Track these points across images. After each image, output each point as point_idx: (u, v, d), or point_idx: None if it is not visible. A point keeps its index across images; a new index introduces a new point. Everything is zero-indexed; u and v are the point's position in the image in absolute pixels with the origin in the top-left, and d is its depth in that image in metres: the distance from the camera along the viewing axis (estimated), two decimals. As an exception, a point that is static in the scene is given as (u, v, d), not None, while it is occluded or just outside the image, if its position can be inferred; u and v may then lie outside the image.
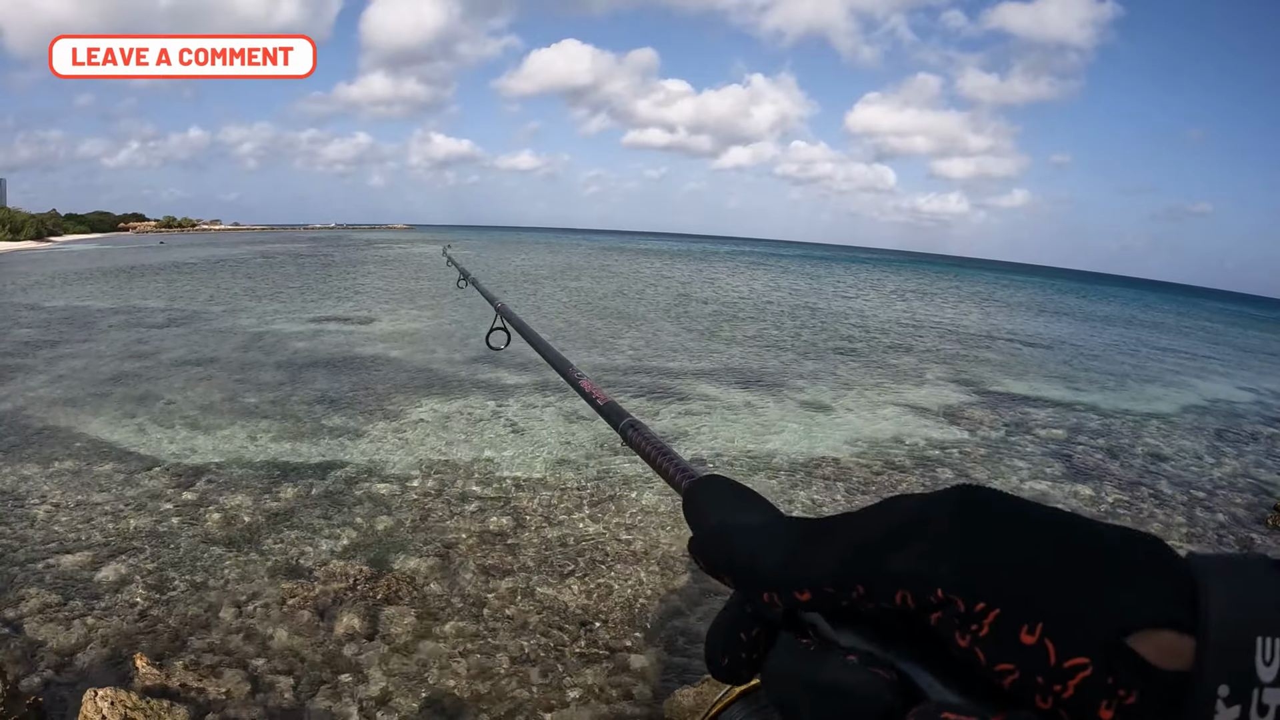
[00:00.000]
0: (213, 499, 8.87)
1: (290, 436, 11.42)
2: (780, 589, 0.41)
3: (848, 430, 13.24)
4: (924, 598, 0.36)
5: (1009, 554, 0.35)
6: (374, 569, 7.27)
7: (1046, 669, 0.32)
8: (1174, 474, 12.10)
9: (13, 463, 9.87)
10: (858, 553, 0.38)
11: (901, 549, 0.37)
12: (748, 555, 0.44)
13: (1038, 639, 0.33)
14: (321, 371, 16.19)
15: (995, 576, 0.34)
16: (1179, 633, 0.31)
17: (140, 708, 4.66)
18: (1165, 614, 0.31)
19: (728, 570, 0.45)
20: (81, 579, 6.94)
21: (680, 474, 0.71)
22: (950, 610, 0.35)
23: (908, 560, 0.36)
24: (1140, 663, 0.31)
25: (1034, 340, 29.44)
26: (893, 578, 0.37)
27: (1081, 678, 0.32)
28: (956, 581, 0.35)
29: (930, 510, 0.38)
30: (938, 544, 0.36)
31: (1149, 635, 0.31)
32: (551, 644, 6.23)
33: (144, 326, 21.68)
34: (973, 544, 0.36)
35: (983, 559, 0.35)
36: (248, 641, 6.06)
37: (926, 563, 0.36)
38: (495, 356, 18.01)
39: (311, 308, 27.04)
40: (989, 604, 0.34)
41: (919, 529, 0.37)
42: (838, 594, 0.39)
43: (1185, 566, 0.33)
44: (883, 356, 21.72)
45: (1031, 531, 0.35)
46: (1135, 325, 45.19)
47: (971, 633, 0.34)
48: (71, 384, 14.40)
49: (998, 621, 0.34)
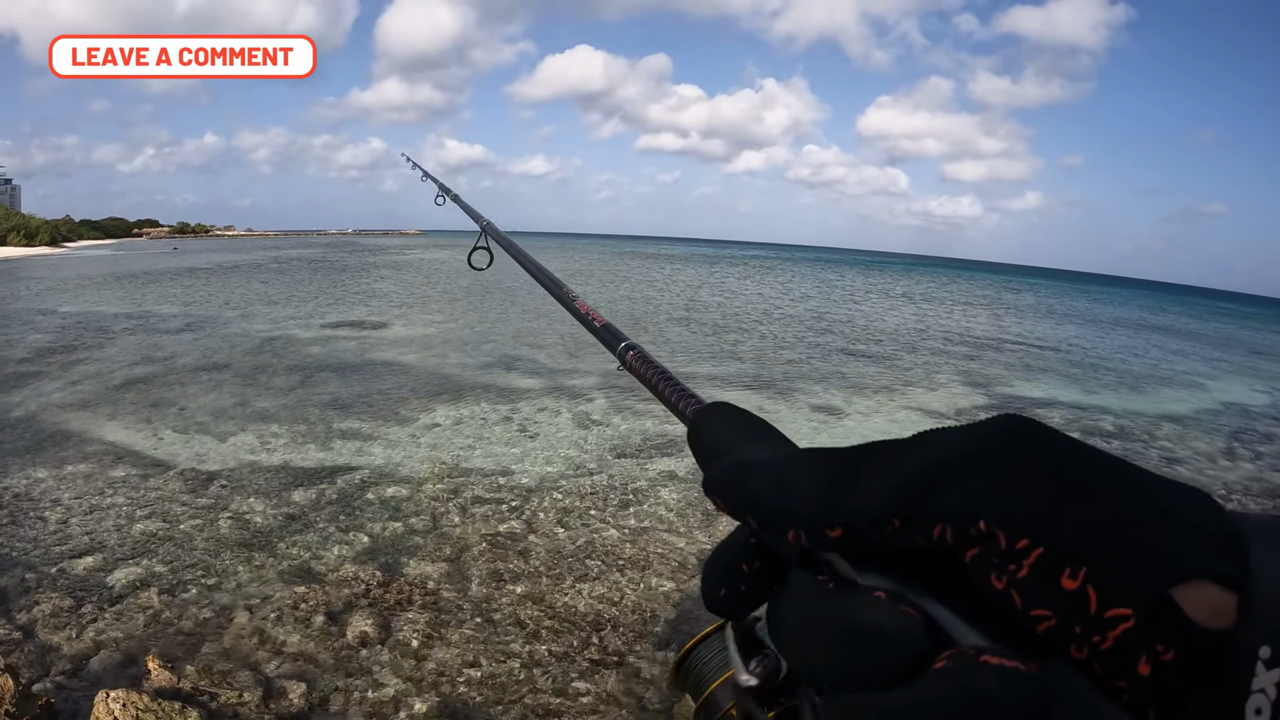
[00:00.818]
0: (225, 503, 8.89)
1: (303, 440, 11.44)
2: (811, 527, 0.38)
3: (860, 434, 13.18)
4: (965, 531, 0.33)
5: (1058, 492, 0.32)
6: (386, 573, 7.27)
7: (1086, 618, 0.30)
8: (1189, 477, 11.96)
9: (27, 466, 9.92)
10: (899, 486, 0.35)
11: (950, 482, 0.34)
12: (775, 492, 0.40)
13: (1079, 585, 0.30)
14: (334, 376, 16.22)
15: (1042, 513, 0.32)
16: (1224, 589, 0.29)
17: (152, 709, 4.66)
18: (1212, 567, 0.29)
19: (751, 510, 0.41)
20: (94, 582, 6.96)
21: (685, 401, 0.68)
22: (990, 547, 0.33)
23: (955, 494, 0.34)
24: (1183, 618, 0.29)
25: (1046, 343, 29.27)
26: (934, 511, 0.34)
27: (1123, 629, 0.30)
28: (1001, 514, 0.32)
29: (980, 442, 0.35)
30: (987, 478, 0.33)
31: (1194, 588, 0.29)
32: (563, 650, 6.20)
33: (158, 332, 21.77)
34: (1022, 479, 0.33)
35: (1030, 493, 0.32)
36: (260, 645, 6.06)
37: (971, 495, 0.33)
38: (508, 361, 18.11)
39: (324, 313, 27.11)
40: (1032, 542, 0.32)
41: (969, 461, 0.34)
42: (872, 530, 0.36)
43: (1235, 523, 0.31)
44: (893, 360, 21.64)
45: (1083, 471, 0.33)
46: (1148, 328, 44.88)
47: (1009, 573, 0.32)
48: (85, 389, 14.46)
49: (1039, 562, 0.31)
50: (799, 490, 0.39)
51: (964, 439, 0.35)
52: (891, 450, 0.37)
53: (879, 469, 0.37)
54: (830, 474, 0.38)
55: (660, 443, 11.92)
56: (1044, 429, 0.35)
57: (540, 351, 19.92)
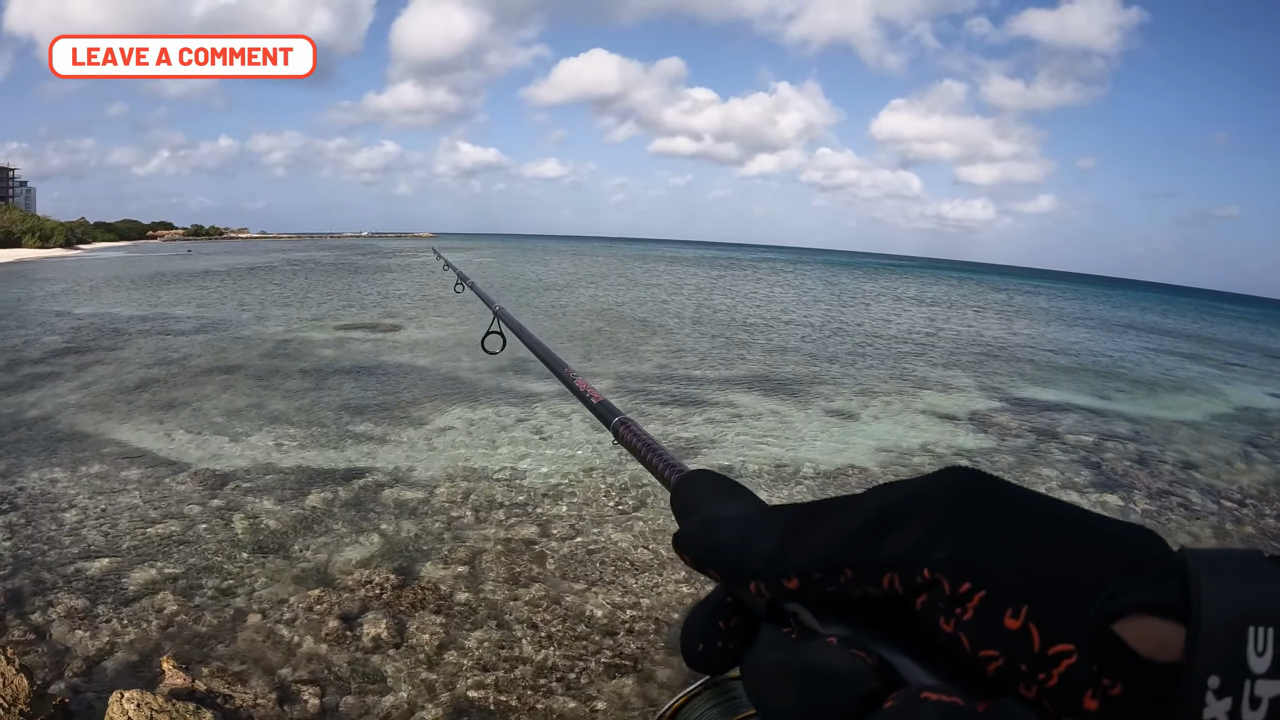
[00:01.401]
0: (239, 505, 8.89)
1: (316, 442, 11.45)
2: (768, 578, 0.40)
3: (874, 438, 13.14)
4: (911, 579, 0.35)
5: (998, 536, 0.34)
6: (400, 576, 7.26)
7: (1031, 656, 0.31)
8: (1204, 482, 11.92)
9: (42, 467, 9.95)
10: (847, 537, 0.38)
11: (891, 531, 0.36)
12: (734, 545, 0.43)
13: (1022, 623, 0.31)
14: (347, 378, 16.25)
15: (982, 558, 0.33)
16: (1169, 621, 0.29)
17: (166, 710, 4.64)
18: (1155, 600, 0.30)
19: (713, 563, 0.44)
20: (109, 583, 6.96)
21: (668, 469, 0.72)
22: (936, 593, 0.34)
23: (897, 541, 0.36)
24: (1127, 651, 0.29)
25: (1060, 347, 29.15)
26: (882, 560, 0.36)
27: (1066, 665, 0.30)
28: (944, 561, 0.34)
29: (921, 493, 0.37)
30: (928, 525, 0.35)
31: (1137, 622, 0.29)
32: (577, 654, 6.17)
33: (172, 333, 21.86)
34: (962, 525, 0.35)
35: (971, 540, 0.34)
36: (274, 648, 6.05)
37: (916, 544, 0.35)
38: (522, 365, 18.06)
39: (338, 315, 27.20)
40: (974, 585, 0.33)
41: (910, 511, 0.36)
42: (825, 579, 0.38)
43: (1179, 558, 0.31)
44: (907, 363, 21.57)
45: (1022, 515, 0.34)
46: (1162, 331, 44.65)
47: (956, 616, 0.33)
48: (100, 389, 14.52)
49: (982, 604, 0.33)
50: (756, 543, 0.42)
51: (909, 491, 0.37)
52: (843, 505, 0.40)
53: (830, 522, 0.39)
54: (785, 528, 0.41)
55: (674, 447, 11.89)
56: (986, 478, 0.37)
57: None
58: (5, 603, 6.54)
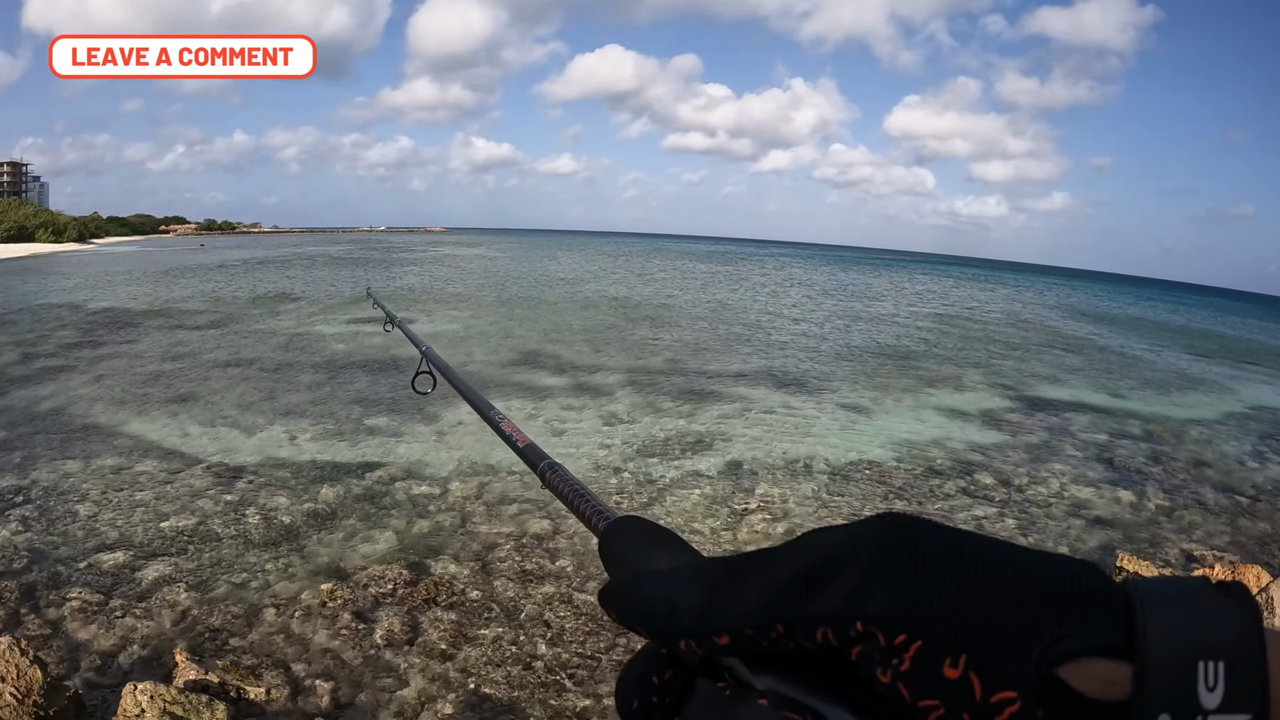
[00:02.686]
0: (253, 499, 8.91)
1: (329, 437, 11.47)
2: (698, 636, 0.39)
3: (887, 432, 13.09)
4: (844, 632, 0.34)
5: (931, 584, 0.33)
6: (413, 573, 7.25)
7: (972, 704, 0.31)
8: (1217, 480, 11.83)
9: (56, 460, 9.99)
10: (776, 592, 0.37)
11: (821, 585, 0.36)
12: (663, 603, 0.42)
13: (962, 672, 0.31)
14: (360, 372, 16.28)
15: (916, 607, 0.33)
16: (1115, 660, 0.29)
17: (179, 702, 4.66)
18: (1099, 641, 0.30)
19: (642, 622, 0.43)
20: (123, 577, 6.98)
21: (597, 516, 0.70)
22: (871, 645, 0.34)
23: (827, 596, 0.35)
24: (1073, 695, 0.29)
25: (1073, 345, 29.01)
26: (814, 616, 0.35)
27: (1010, 713, 0.30)
28: (876, 613, 0.33)
29: (850, 543, 0.36)
30: (857, 577, 0.35)
31: (1083, 664, 0.30)
32: (589, 652, 6.16)
33: (185, 328, 21.95)
34: (893, 575, 0.34)
35: (904, 590, 0.33)
36: (288, 642, 6.06)
37: (847, 597, 0.34)
38: (535, 359, 18.10)
39: (350, 309, 27.25)
40: (910, 636, 0.32)
41: (839, 563, 0.36)
42: (757, 635, 0.37)
43: (1122, 592, 0.31)
44: (918, 359, 21.51)
45: (955, 561, 0.34)
46: (1175, 330, 44.45)
47: (893, 668, 0.33)
48: (113, 384, 14.59)
49: (919, 654, 0.32)
50: (683, 601, 0.41)
51: (837, 541, 0.37)
52: (770, 557, 0.39)
53: (757, 577, 0.38)
54: (712, 584, 0.40)
55: (685, 442, 11.88)
56: (917, 523, 0.36)
57: (566, 348, 19.96)
58: (20, 595, 6.57)
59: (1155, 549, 8.83)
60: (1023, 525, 9.37)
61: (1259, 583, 6.88)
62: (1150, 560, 8.11)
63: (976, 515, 9.61)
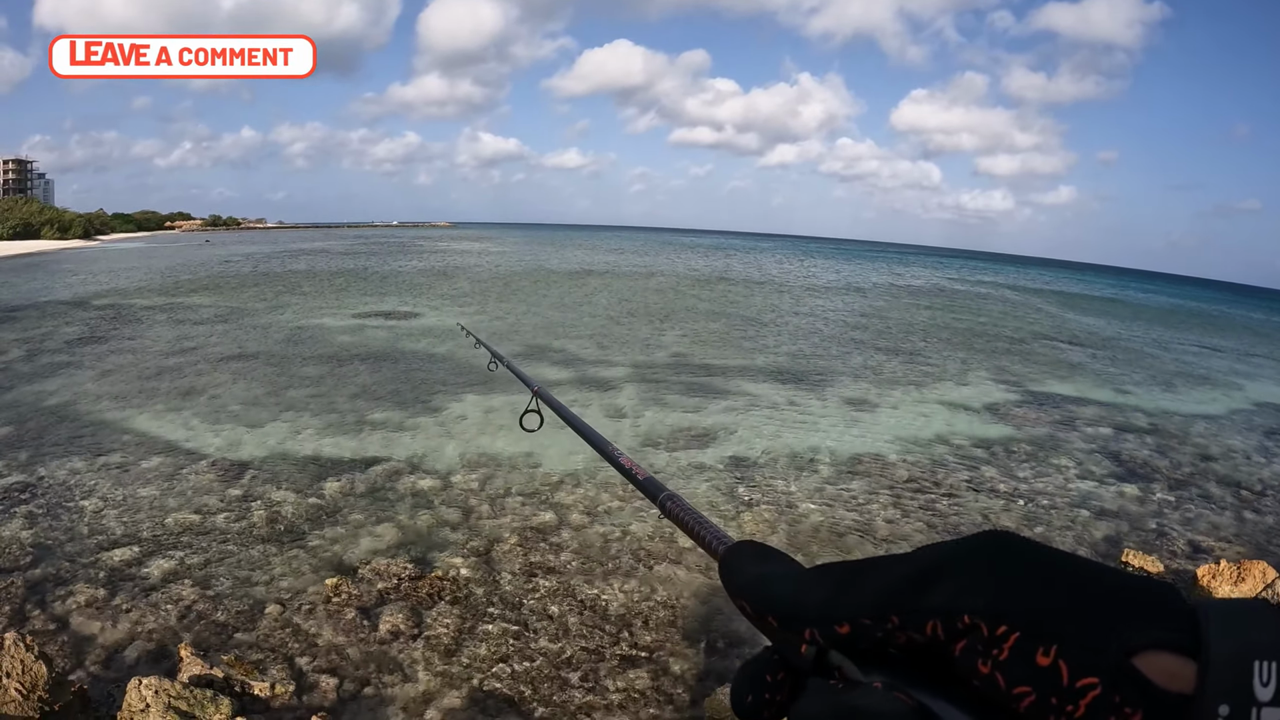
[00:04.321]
0: (258, 494, 8.92)
1: (333, 431, 11.48)
2: (821, 623, 0.45)
3: (893, 427, 13.07)
4: (952, 624, 0.39)
5: (1029, 585, 0.38)
6: (417, 567, 7.26)
7: (1060, 689, 0.35)
8: (1224, 474, 11.79)
9: (62, 456, 10.01)
10: (893, 587, 0.42)
11: (933, 583, 0.41)
12: (790, 596, 0.47)
13: (1052, 660, 0.36)
14: (364, 366, 16.30)
15: (1016, 603, 0.38)
16: (1182, 657, 0.34)
17: (184, 697, 4.66)
18: (1169, 638, 0.34)
19: (772, 609, 0.48)
20: (128, 572, 6.99)
21: (717, 541, 0.76)
22: (975, 636, 0.38)
23: (939, 593, 0.40)
24: (1145, 682, 0.33)
25: (1078, 339, 28.93)
26: (926, 609, 0.40)
27: (1092, 697, 0.34)
28: (982, 607, 0.39)
29: (961, 551, 0.42)
30: (968, 578, 0.40)
31: (1154, 657, 0.34)
32: (593, 646, 6.16)
33: (189, 323, 21.99)
34: (998, 577, 0.39)
35: (1007, 589, 0.39)
36: (292, 637, 6.06)
37: (956, 594, 0.40)
38: (540, 353, 18.08)
39: (355, 303, 27.29)
40: (1009, 628, 0.37)
41: (949, 566, 0.41)
42: (874, 625, 0.42)
43: (1190, 605, 0.36)
44: (922, 354, 21.47)
45: (1052, 569, 0.39)
46: (1182, 324, 44.27)
47: (993, 658, 0.37)
48: (118, 379, 14.61)
49: (1017, 644, 0.37)
50: (811, 593, 0.46)
51: (950, 549, 0.43)
52: (889, 560, 0.45)
53: (877, 574, 0.44)
54: (837, 580, 0.46)
55: (690, 435, 11.88)
56: (1018, 538, 0.42)
57: (571, 342, 19.96)
58: (26, 590, 6.58)
59: (1161, 541, 8.80)
60: (1030, 517, 9.37)
61: (1265, 578, 6.87)
62: (1156, 554, 8.09)
63: (985, 508, 9.61)
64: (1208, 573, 6.95)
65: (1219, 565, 7.05)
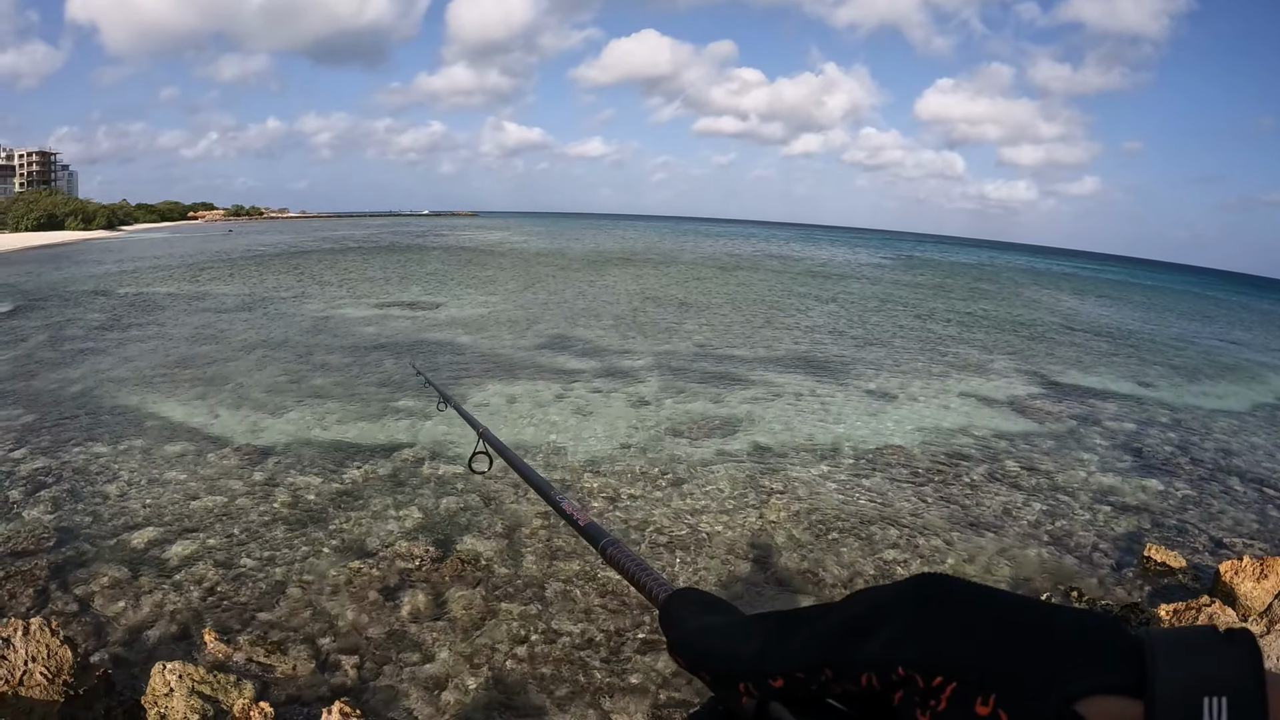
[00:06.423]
0: (281, 478, 8.94)
1: (356, 418, 11.49)
2: (755, 677, 0.44)
3: (913, 419, 12.98)
4: (887, 676, 0.38)
5: (963, 633, 0.38)
6: (439, 549, 7.25)
7: None
8: (1244, 469, 11.57)
9: (86, 441, 10.07)
10: (825, 639, 0.42)
11: (866, 634, 0.40)
12: (725, 649, 0.47)
13: (992, 709, 0.35)
14: (387, 354, 16.33)
15: (950, 653, 0.37)
16: (1127, 698, 0.33)
17: (208, 681, 4.66)
18: (1113, 680, 0.33)
19: (705, 665, 0.48)
20: (151, 556, 7.01)
21: (657, 588, 0.76)
22: (911, 688, 0.38)
23: (871, 643, 0.40)
24: None
25: (1102, 331, 28.67)
26: (860, 660, 0.40)
27: None
28: (915, 659, 0.38)
29: (893, 598, 0.41)
30: (898, 628, 0.39)
31: (1098, 701, 0.33)
32: (614, 629, 6.12)
33: (212, 311, 22.11)
34: (930, 626, 0.39)
35: (940, 638, 0.38)
36: (314, 619, 6.06)
37: (889, 644, 0.39)
38: (563, 343, 18.06)
39: (378, 293, 27.36)
40: (945, 678, 0.36)
41: (881, 616, 0.40)
42: (808, 678, 0.42)
43: (1134, 638, 0.35)
44: (945, 345, 21.32)
45: (985, 613, 0.38)
46: (1205, 317, 43.74)
47: (930, 708, 0.37)
48: (142, 366, 14.70)
49: (954, 695, 0.36)
50: (743, 647, 0.46)
51: (882, 596, 0.42)
52: (822, 609, 0.44)
53: (809, 626, 0.44)
54: (767, 632, 0.46)
55: (713, 423, 11.82)
56: (951, 581, 0.41)
57: (593, 332, 19.94)
58: (50, 574, 6.61)
59: (1183, 537, 8.66)
60: (1050, 510, 9.27)
61: (1288, 575, 6.72)
62: (1179, 550, 7.96)
63: (1006, 501, 9.51)
64: (1230, 568, 6.81)
65: (1241, 561, 6.90)
